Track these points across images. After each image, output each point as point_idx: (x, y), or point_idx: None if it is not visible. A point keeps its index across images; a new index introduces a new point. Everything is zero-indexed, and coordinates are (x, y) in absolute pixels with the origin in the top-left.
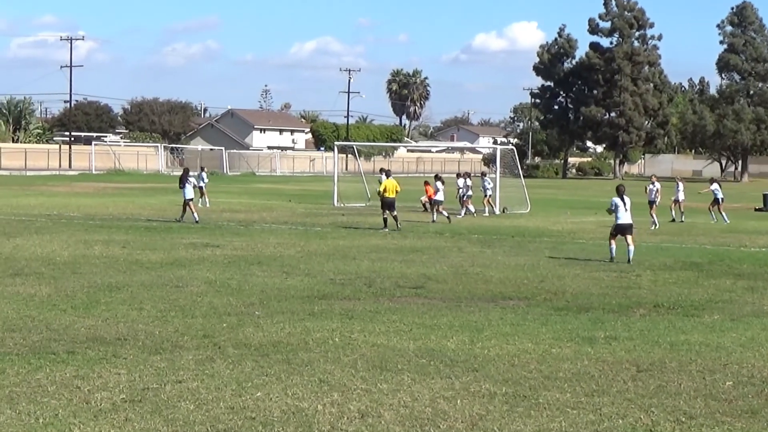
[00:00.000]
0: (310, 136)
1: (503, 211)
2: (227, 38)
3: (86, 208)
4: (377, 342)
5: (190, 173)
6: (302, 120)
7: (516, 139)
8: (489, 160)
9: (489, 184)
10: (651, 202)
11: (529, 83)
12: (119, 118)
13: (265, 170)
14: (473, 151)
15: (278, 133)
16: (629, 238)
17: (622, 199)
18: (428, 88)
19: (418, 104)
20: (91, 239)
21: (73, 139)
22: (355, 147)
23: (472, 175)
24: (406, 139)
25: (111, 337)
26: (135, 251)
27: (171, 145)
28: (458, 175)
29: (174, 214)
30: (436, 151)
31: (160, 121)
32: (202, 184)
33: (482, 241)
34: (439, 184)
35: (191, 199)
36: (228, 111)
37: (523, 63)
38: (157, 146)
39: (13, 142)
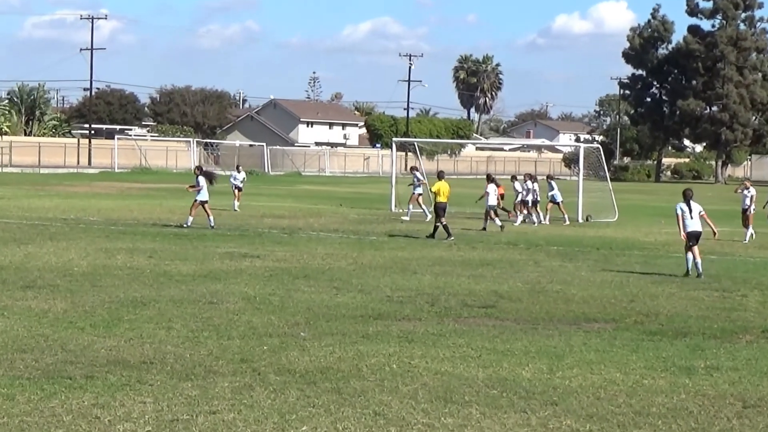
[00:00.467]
0: (364, 130)
1: (587, 220)
2: (270, 18)
3: (108, 212)
4: (441, 369)
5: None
6: (355, 112)
7: (602, 136)
8: (570, 160)
9: (554, 188)
10: (744, 211)
11: (617, 72)
12: (146, 108)
13: (313, 170)
14: (552, 149)
15: (328, 127)
16: (695, 249)
17: (689, 205)
18: (500, 77)
19: (489, 95)
20: (113, 247)
21: (93, 132)
22: (416, 144)
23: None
24: (474, 135)
25: (135, 360)
26: (163, 262)
27: (205, 140)
28: (513, 178)
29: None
30: (509, 150)
31: (192, 113)
32: (238, 183)
33: (562, 253)
34: (492, 186)
35: (205, 202)
36: (270, 101)
37: (610, 48)
38: (189, 141)
39: (25, 134)
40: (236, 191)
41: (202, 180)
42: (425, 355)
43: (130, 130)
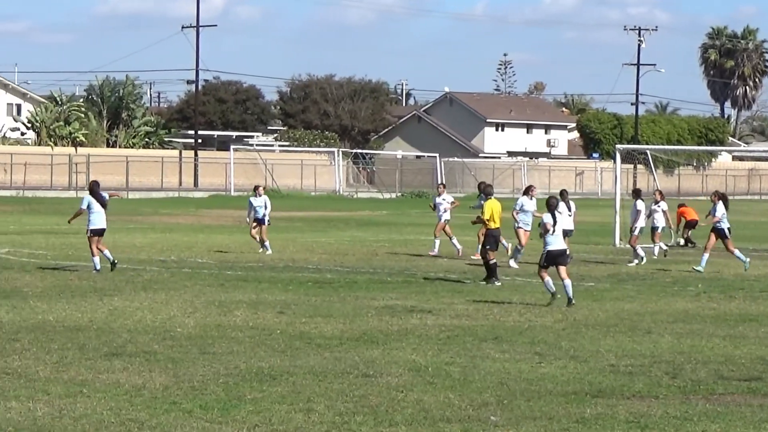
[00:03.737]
0: (575, 134)
1: None
2: None
3: (222, 251)
4: None
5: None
6: (563, 110)
7: None
8: None
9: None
10: None
11: None
12: (273, 107)
13: (505, 189)
14: None
15: (525, 130)
16: (563, 270)
17: (554, 216)
18: (767, 57)
19: (751, 83)
20: (229, 300)
21: (200, 141)
22: (648, 152)
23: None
24: (731, 139)
25: None
26: (299, 319)
27: (354, 151)
28: (635, 194)
29: (361, 258)
30: None
31: (337, 113)
32: (261, 215)
33: None
34: (563, 206)
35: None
36: (445, 96)
37: None
38: (333, 152)
39: (108, 145)
40: (256, 224)
41: (92, 203)
42: None
43: (251, 137)
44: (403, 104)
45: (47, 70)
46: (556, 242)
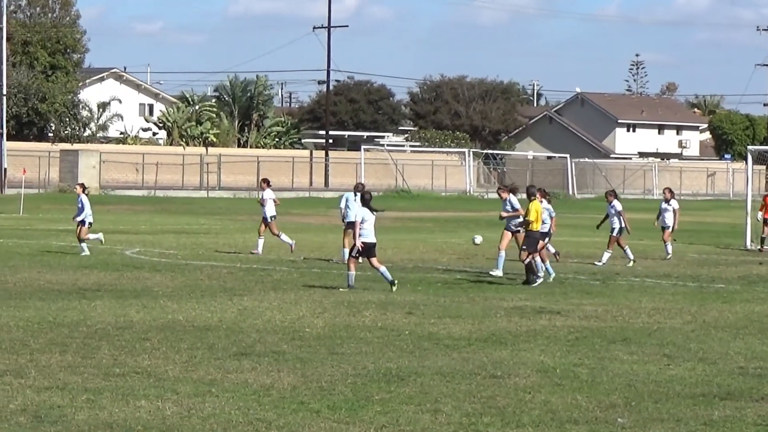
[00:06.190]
0: (707, 135)
1: None
2: None
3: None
4: None
5: None
6: (695, 110)
7: None
8: None
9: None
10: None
11: None
12: (404, 107)
13: (636, 190)
14: None
15: (656, 130)
16: (375, 260)
17: (370, 209)
18: None
19: None
20: (358, 300)
21: (331, 141)
22: None
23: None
24: None
25: None
26: (427, 320)
27: (485, 151)
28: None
29: (491, 259)
30: None
31: (468, 113)
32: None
33: None
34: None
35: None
36: (576, 96)
37: None
38: (464, 153)
39: (239, 145)
40: (268, 221)
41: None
42: None
43: (382, 137)
44: (534, 105)
45: (179, 70)
46: (370, 235)
